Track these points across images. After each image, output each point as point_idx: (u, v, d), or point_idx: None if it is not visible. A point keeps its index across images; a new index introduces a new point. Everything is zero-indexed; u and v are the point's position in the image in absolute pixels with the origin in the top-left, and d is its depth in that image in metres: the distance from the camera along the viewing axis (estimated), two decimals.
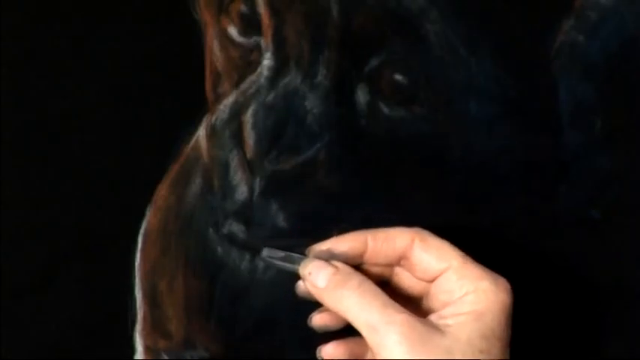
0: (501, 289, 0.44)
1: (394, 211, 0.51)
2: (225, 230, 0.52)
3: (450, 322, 0.43)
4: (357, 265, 0.47)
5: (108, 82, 0.53)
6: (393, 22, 0.49)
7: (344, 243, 0.47)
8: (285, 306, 0.52)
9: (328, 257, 0.47)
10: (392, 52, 0.50)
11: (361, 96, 0.50)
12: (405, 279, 0.48)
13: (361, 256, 0.47)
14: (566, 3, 0.50)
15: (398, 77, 0.50)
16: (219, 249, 0.53)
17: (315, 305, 0.50)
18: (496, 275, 0.45)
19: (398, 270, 0.49)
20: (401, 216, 0.51)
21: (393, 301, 0.44)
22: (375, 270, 0.48)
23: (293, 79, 0.51)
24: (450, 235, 0.50)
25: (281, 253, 0.49)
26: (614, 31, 0.50)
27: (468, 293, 0.44)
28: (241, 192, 0.51)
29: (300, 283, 0.48)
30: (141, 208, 0.53)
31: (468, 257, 0.46)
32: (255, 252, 0.52)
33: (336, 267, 0.46)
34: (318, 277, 0.46)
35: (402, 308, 0.44)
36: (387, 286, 0.48)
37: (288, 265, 0.48)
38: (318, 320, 0.49)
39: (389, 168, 0.51)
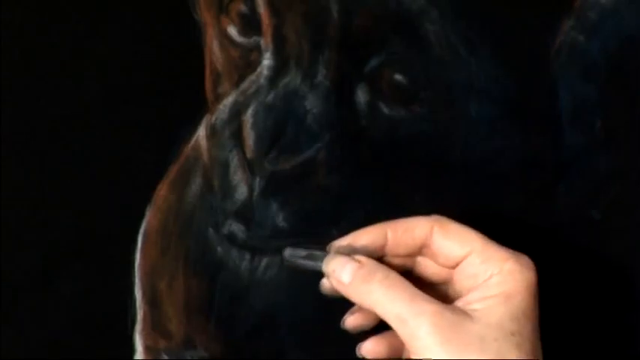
0: (526, 268, 0.44)
1: (394, 211, 0.51)
2: (225, 230, 0.52)
3: (478, 306, 0.43)
4: (378, 257, 0.47)
5: (108, 82, 0.53)
6: (393, 22, 0.49)
7: (364, 236, 0.47)
8: (285, 306, 0.52)
9: (350, 252, 0.47)
10: (392, 52, 0.50)
11: (361, 96, 0.50)
12: (428, 267, 0.48)
13: (382, 248, 0.47)
14: (566, 3, 0.50)
15: (398, 77, 0.50)
16: (219, 249, 0.53)
17: (320, 305, 0.50)
18: (519, 254, 0.45)
19: (420, 259, 0.48)
20: (401, 216, 0.51)
21: (420, 292, 0.44)
22: (397, 261, 0.48)
23: (293, 79, 0.51)
24: None
25: (303, 252, 0.48)
26: (614, 31, 0.50)
27: (492, 275, 0.44)
28: (241, 192, 0.51)
29: (325, 281, 0.48)
30: (141, 208, 0.53)
31: (489, 239, 0.45)
32: (256, 252, 0.52)
33: (359, 261, 0.46)
34: (342, 272, 0.45)
35: (430, 298, 0.43)
36: (410, 275, 0.48)
37: (310, 264, 0.48)
38: (352, 321, 0.48)
39: (389, 168, 0.51)
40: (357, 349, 0.48)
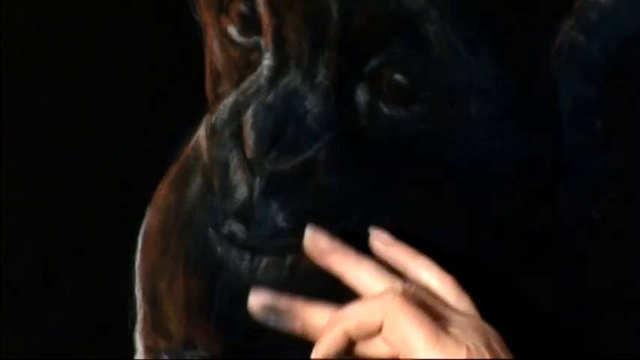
0: None
1: (394, 211, 0.51)
2: (225, 230, 0.52)
3: None
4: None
5: (108, 82, 0.53)
6: (393, 22, 0.49)
7: (331, 348, 0.47)
8: None
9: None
10: (392, 52, 0.49)
11: (361, 96, 0.50)
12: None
13: (350, 344, 0.47)
14: (566, 3, 0.50)
15: (398, 77, 0.50)
16: (219, 249, 0.53)
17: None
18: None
19: None
20: (401, 216, 0.51)
21: None
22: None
23: (293, 79, 0.51)
24: (450, 234, 0.50)
25: None
26: (614, 31, 0.50)
27: None
28: (241, 192, 0.51)
29: None
30: (141, 208, 0.53)
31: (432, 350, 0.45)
32: (256, 252, 0.52)
33: None
34: None
35: None
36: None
37: None
38: None
39: (389, 168, 0.51)
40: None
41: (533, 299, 0.51)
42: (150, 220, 0.53)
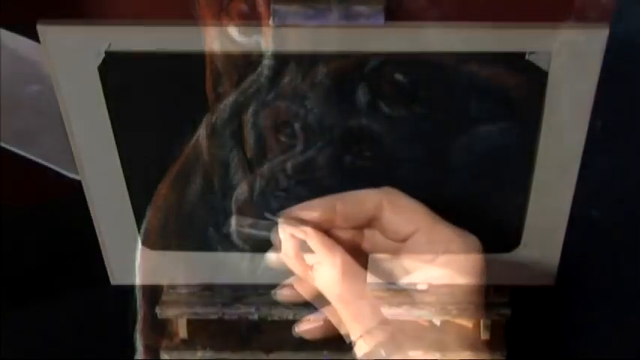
0: (472, 249, 0.43)
1: None
2: (225, 230, 0.52)
3: (421, 287, 0.43)
4: (327, 229, 0.47)
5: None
6: (393, 22, 0.49)
7: (314, 208, 0.46)
8: (285, 306, 0.52)
9: (299, 223, 0.46)
10: (392, 52, 0.50)
11: (361, 96, 0.50)
12: (377, 242, 0.48)
13: (331, 220, 0.46)
14: (566, 3, 0.50)
15: (398, 77, 0.50)
16: (219, 249, 0.53)
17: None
18: (466, 234, 0.44)
19: (369, 233, 0.48)
20: None
21: (364, 272, 0.43)
22: (346, 233, 0.47)
23: (293, 78, 0.51)
24: None
25: (249, 221, 0.48)
26: (614, 31, 0.50)
27: (438, 256, 0.44)
28: (241, 192, 0.51)
29: (270, 254, 0.47)
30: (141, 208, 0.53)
31: (437, 217, 0.45)
32: (256, 252, 0.52)
33: (305, 233, 0.45)
34: (289, 244, 0.45)
35: (373, 279, 0.43)
36: (359, 249, 0.48)
37: (256, 232, 0.48)
38: (283, 295, 0.48)
39: (389, 168, 0.51)
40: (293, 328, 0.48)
41: (533, 299, 0.51)
42: (150, 220, 0.53)
